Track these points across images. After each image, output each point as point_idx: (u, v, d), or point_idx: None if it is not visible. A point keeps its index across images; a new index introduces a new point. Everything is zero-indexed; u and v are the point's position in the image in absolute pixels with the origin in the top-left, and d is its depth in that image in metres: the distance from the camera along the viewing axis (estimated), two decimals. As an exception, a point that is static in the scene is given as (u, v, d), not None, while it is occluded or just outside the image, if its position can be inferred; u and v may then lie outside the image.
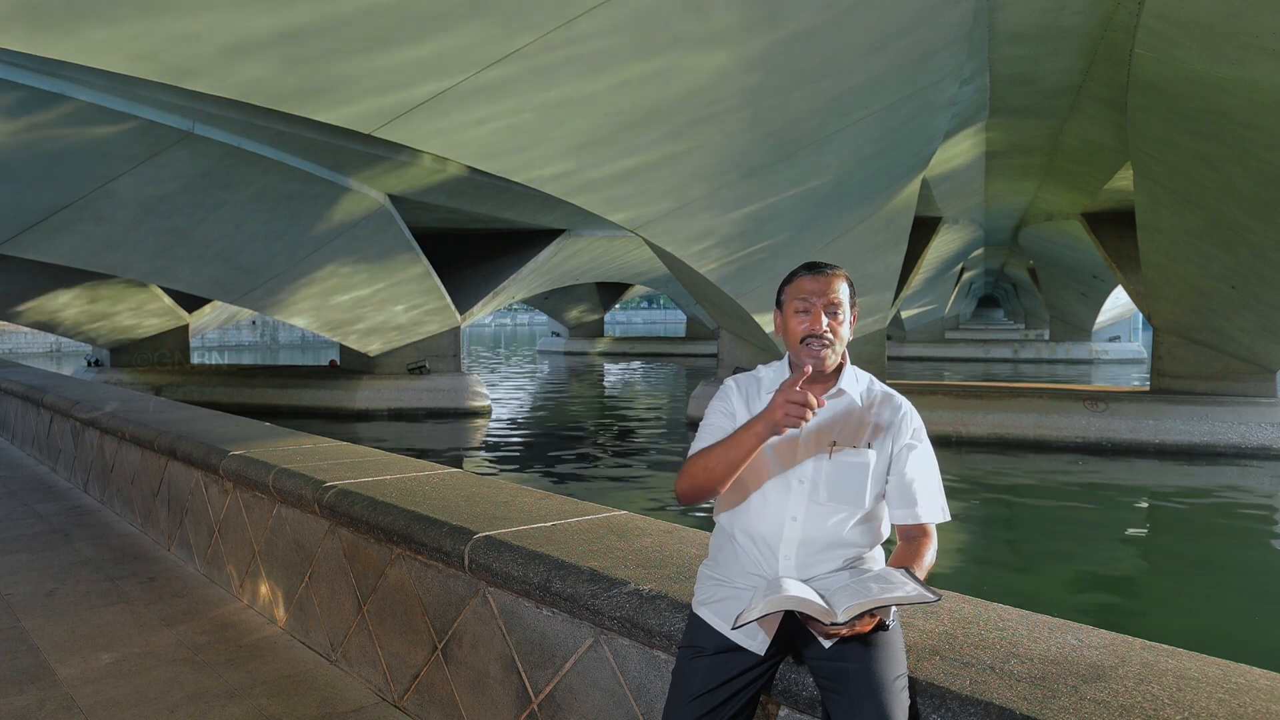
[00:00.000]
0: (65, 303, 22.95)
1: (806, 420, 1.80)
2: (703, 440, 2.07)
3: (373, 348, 21.85)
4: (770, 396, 2.04)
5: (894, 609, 1.90)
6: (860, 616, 1.74)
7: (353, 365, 23.06)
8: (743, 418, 2.05)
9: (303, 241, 16.34)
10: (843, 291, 2.02)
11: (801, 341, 2.00)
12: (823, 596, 1.82)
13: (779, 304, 2.08)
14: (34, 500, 7.26)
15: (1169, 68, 8.24)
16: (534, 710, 2.75)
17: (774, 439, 2.00)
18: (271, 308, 19.05)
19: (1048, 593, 8.73)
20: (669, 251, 11.60)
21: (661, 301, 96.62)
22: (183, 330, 26.75)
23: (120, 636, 4.18)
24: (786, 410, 1.80)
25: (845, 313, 2.02)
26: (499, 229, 21.30)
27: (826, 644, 1.89)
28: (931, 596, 1.73)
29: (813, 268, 2.04)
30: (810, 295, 2.00)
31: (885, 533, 2.08)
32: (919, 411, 2.10)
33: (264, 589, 4.45)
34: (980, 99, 12.40)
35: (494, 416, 21.83)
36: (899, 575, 1.81)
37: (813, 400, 1.79)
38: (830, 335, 1.99)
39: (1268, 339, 14.78)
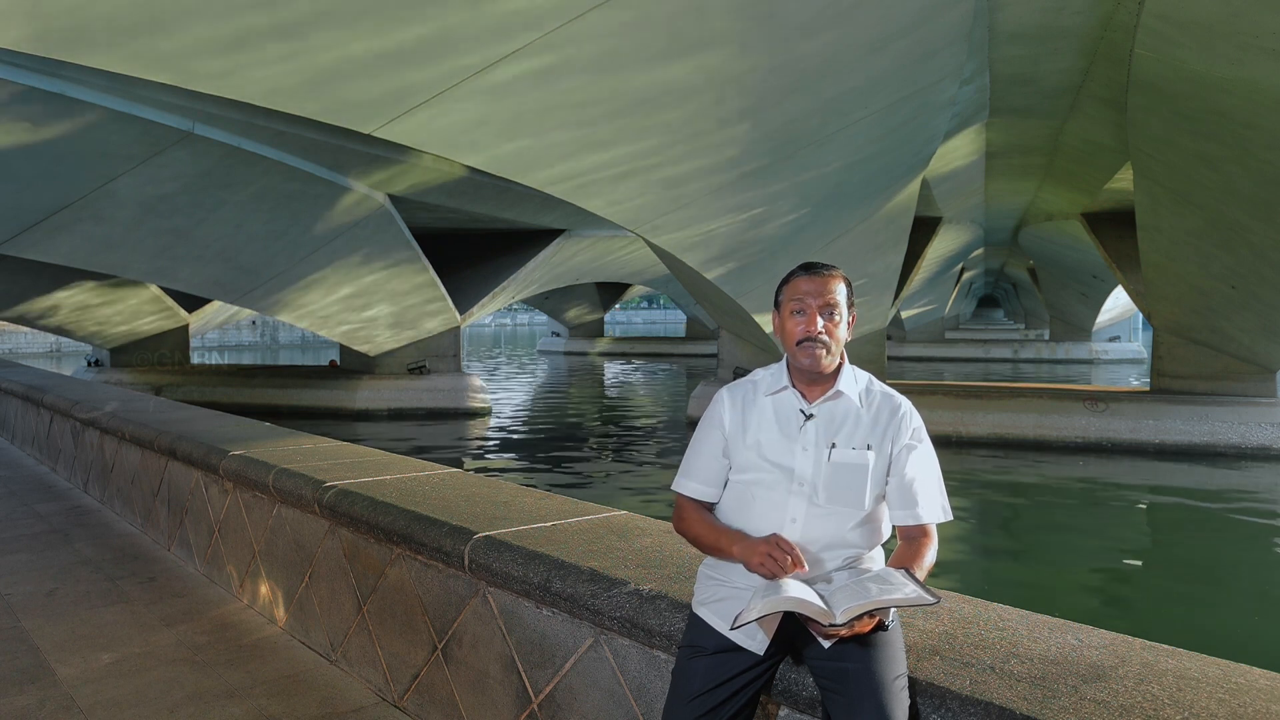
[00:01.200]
0: (66, 303, 22.96)
1: (776, 575, 1.87)
2: (689, 464, 2.11)
3: (373, 348, 21.85)
4: (767, 400, 2.05)
5: (894, 609, 1.90)
6: (860, 617, 1.74)
7: (353, 365, 23.06)
8: (735, 429, 2.05)
9: (303, 242, 16.34)
10: (839, 292, 2.01)
11: (797, 344, 1.99)
12: (822, 597, 1.82)
13: (776, 305, 2.08)
14: (34, 500, 7.26)
15: (1169, 68, 8.24)
16: (534, 710, 2.75)
17: (772, 436, 2.01)
18: (271, 308, 19.04)
19: (1048, 593, 8.73)
20: (668, 251, 11.60)
21: (661, 301, 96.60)
22: (183, 330, 26.75)
23: (120, 636, 4.18)
24: (763, 560, 1.88)
25: (842, 314, 2.01)
26: (499, 229, 21.30)
27: (826, 644, 1.89)
28: (930, 599, 1.73)
29: (809, 268, 2.03)
30: (806, 296, 2.00)
31: (886, 533, 2.08)
32: (919, 411, 2.09)
33: (264, 589, 4.45)
34: (980, 99, 12.40)
35: (494, 416, 21.83)
36: (899, 576, 1.81)
37: (790, 563, 1.86)
38: (826, 336, 1.98)
39: (1268, 339, 14.78)
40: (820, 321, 1.98)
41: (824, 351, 1.98)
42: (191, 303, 26.57)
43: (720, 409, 2.08)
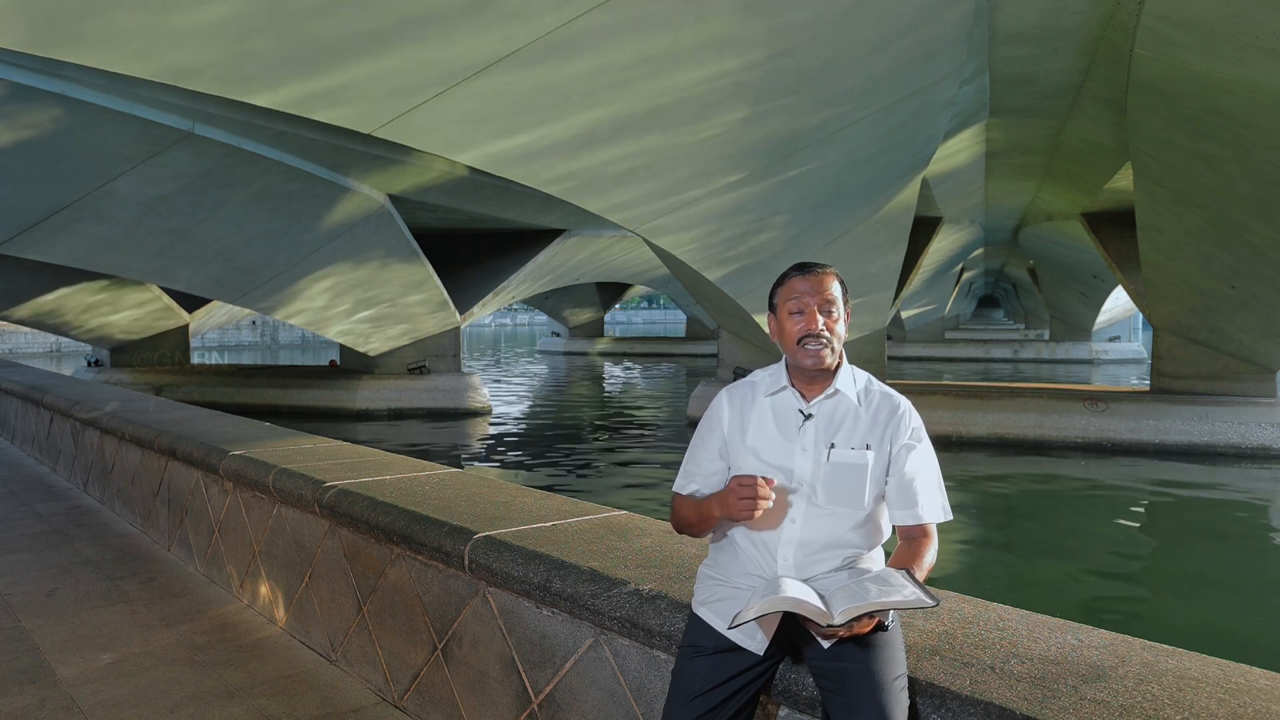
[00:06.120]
0: (65, 303, 22.96)
1: (758, 512, 1.85)
2: (688, 466, 2.12)
3: (373, 348, 21.85)
4: (766, 401, 2.06)
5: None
6: (859, 618, 1.74)
7: (353, 365, 23.06)
8: (733, 430, 2.06)
9: (303, 241, 16.34)
10: (835, 289, 2.02)
11: (799, 342, 2.00)
12: (821, 597, 1.81)
13: (772, 308, 2.08)
14: (34, 500, 7.26)
15: (1169, 68, 8.24)
16: (534, 710, 2.75)
17: (771, 437, 2.01)
18: (271, 308, 19.04)
19: (1048, 593, 8.73)
20: (669, 251, 11.60)
21: (661, 301, 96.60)
22: (183, 330, 26.76)
23: (120, 636, 4.18)
24: (736, 503, 1.87)
25: (840, 310, 2.03)
26: (499, 229, 21.30)
27: (826, 644, 1.89)
28: (929, 601, 1.72)
29: (803, 268, 2.04)
30: (804, 295, 2.01)
31: (886, 533, 2.08)
32: (919, 411, 2.09)
33: (264, 589, 4.45)
34: (980, 99, 12.40)
35: (494, 416, 21.83)
36: (898, 577, 1.81)
37: (763, 491, 1.84)
38: (828, 334, 1.99)
39: (1268, 339, 14.78)
40: (820, 319, 1.99)
41: (828, 350, 1.99)
42: (191, 303, 26.57)
43: (719, 411, 2.10)
